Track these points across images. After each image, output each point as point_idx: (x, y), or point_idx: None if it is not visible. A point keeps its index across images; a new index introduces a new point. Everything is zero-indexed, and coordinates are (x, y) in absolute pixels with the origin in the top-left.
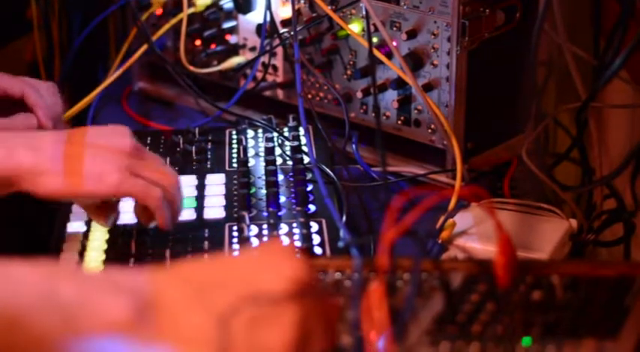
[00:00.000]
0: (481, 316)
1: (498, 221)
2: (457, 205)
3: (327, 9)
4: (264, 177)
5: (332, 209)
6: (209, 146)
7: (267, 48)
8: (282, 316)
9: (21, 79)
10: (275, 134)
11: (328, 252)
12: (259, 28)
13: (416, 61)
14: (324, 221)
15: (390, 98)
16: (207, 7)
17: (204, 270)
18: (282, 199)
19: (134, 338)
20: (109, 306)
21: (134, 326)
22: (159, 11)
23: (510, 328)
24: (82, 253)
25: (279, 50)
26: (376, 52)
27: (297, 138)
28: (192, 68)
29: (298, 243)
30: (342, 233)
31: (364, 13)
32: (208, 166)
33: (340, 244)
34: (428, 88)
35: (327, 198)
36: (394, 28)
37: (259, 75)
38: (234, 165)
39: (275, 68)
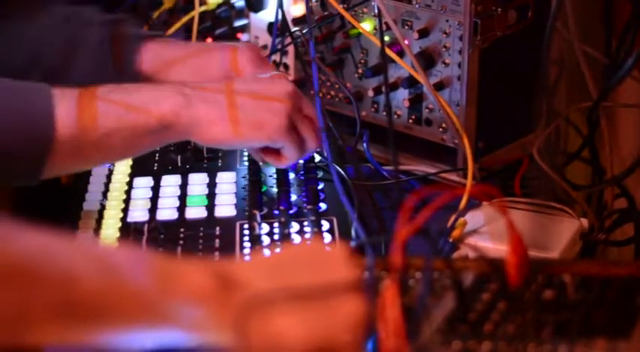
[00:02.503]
0: (493, 315)
1: (510, 220)
2: (468, 204)
3: (339, 7)
4: (275, 176)
5: (349, 208)
6: None
7: (279, 46)
8: (346, 303)
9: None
10: None
11: None
12: (271, 27)
13: (427, 59)
14: (335, 219)
15: (401, 97)
16: (219, 5)
17: (278, 258)
18: (293, 197)
19: (218, 308)
20: (196, 277)
21: (219, 298)
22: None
23: (522, 327)
24: None
25: (291, 48)
26: (388, 51)
27: None
28: None
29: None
30: (354, 232)
31: (376, 11)
32: (219, 164)
33: (352, 244)
34: (439, 86)
35: (342, 196)
36: (406, 27)
37: None
38: (245, 163)
39: (286, 67)
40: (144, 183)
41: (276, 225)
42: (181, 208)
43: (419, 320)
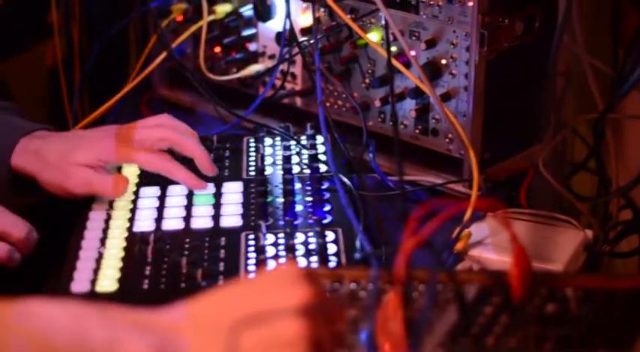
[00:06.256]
0: (495, 328)
1: (513, 233)
2: (473, 215)
3: (347, 18)
4: (281, 186)
5: (353, 219)
6: (227, 153)
7: (287, 56)
8: (295, 338)
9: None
10: (292, 142)
11: (344, 261)
12: (279, 36)
13: (434, 70)
14: (340, 230)
15: (408, 107)
16: (227, 15)
17: (222, 305)
18: (299, 208)
19: None
20: (135, 345)
21: None
22: (179, 18)
23: (524, 341)
24: (98, 260)
25: (298, 58)
26: (394, 62)
27: (314, 146)
28: (211, 75)
29: (307, 260)
30: (358, 243)
31: (383, 22)
32: (226, 174)
33: (357, 256)
34: (446, 97)
35: (347, 208)
36: (413, 38)
37: (278, 83)
38: (252, 173)
39: (294, 76)
40: (150, 193)
41: (281, 235)
42: (187, 218)
43: (421, 333)
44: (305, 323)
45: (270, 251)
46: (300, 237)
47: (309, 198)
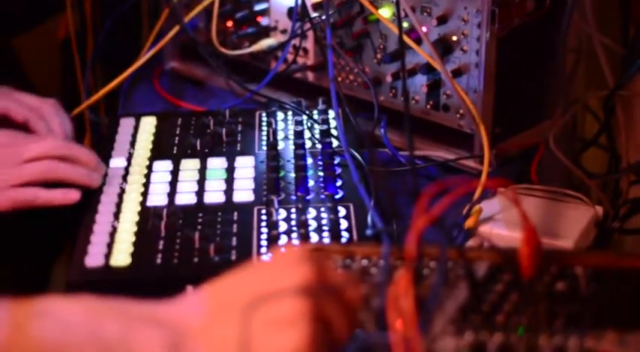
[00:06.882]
0: (505, 306)
1: (523, 211)
2: (483, 193)
3: None
4: (293, 161)
5: (364, 195)
6: (239, 128)
7: (299, 31)
8: (296, 316)
9: (26, 104)
10: (304, 117)
11: (355, 236)
12: (291, 11)
13: (446, 46)
14: (351, 205)
15: (419, 82)
16: None
17: (231, 291)
18: (311, 183)
19: None
20: (148, 339)
21: None
22: None
23: (534, 319)
24: (112, 234)
25: (310, 33)
26: (406, 38)
27: (326, 121)
28: (223, 49)
29: (319, 235)
30: (370, 219)
31: None
32: (238, 149)
33: (369, 232)
34: (457, 73)
35: (359, 184)
36: (425, 14)
37: (290, 57)
38: (264, 147)
39: (306, 51)
40: (163, 167)
41: (293, 210)
42: (200, 193)
43: (432, 310)
44: (306, 301)
45: (283, 226)
46: (312, 212)
47: (321, 173)
